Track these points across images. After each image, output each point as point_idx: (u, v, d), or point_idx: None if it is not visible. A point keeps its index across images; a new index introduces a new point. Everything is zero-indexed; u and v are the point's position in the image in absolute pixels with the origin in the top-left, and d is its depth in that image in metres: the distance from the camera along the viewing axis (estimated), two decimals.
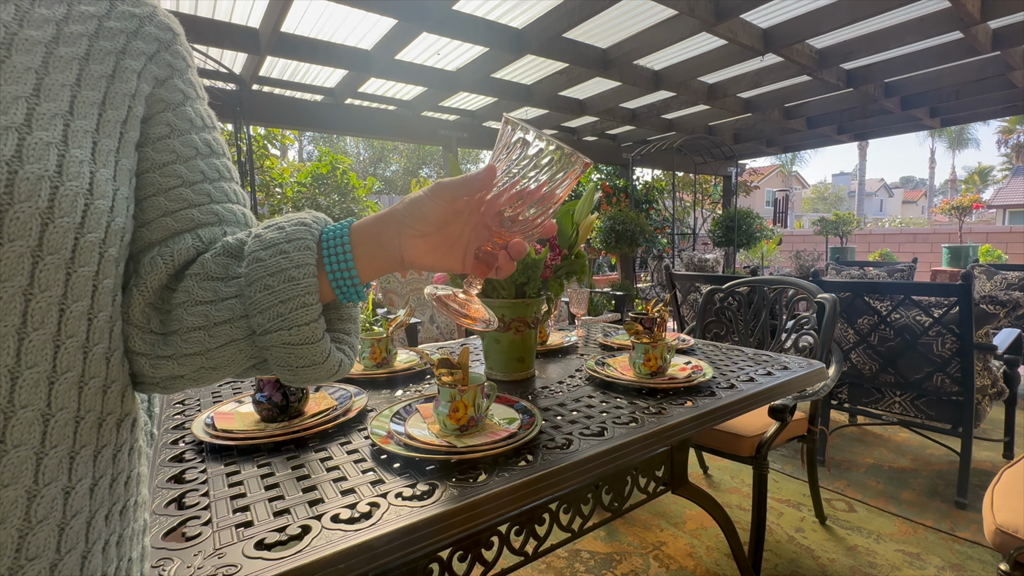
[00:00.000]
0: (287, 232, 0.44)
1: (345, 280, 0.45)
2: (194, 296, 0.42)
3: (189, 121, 0.45)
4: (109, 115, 0.38)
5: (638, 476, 1.11)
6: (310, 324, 0.43)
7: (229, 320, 0.43)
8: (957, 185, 33.65)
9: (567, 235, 1.31)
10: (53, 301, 0.33)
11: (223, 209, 0.47)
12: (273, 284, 0.42)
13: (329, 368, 0.46)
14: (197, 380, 0.44)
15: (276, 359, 0.44)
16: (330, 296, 0.46)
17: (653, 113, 5.64)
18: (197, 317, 0.42)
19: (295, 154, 23.92)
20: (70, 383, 0.34)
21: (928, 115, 5.59)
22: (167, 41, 0.44)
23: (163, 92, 0.43)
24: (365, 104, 5.15)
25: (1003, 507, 1.19)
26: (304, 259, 0.43)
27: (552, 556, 1.78)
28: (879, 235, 11.44)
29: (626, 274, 5.87)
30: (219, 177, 0.48)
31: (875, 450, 2.62)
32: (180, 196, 0.44)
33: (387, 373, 1.31)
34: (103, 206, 0.36)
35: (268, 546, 0.61)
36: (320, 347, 0.44)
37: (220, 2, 3.13)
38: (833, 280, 2.47)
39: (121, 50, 0.40)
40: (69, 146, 0.34)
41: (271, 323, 0.42)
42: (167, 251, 0.42)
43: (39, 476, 0.33)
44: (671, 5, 2.99)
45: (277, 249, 0.43)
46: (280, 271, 0.42)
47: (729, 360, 1.46)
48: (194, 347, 0.42)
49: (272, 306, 0.42)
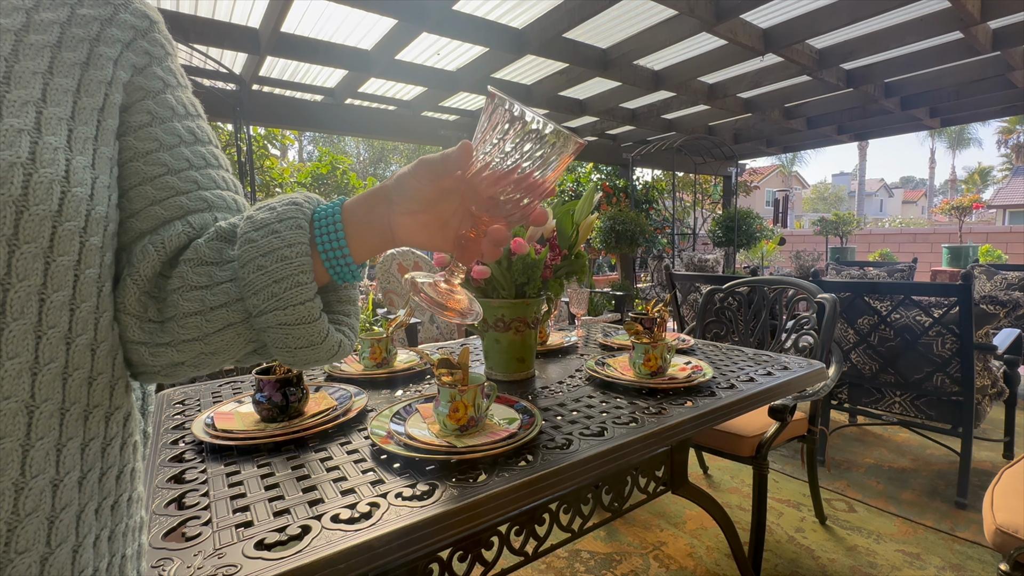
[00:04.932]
0: (278, 212, 0.44)
1: (338, 259, 0.45)
2: (189, 282, 0.42)
3: (170, 109, 0.45)
4: (85, 102, 0.37)
5: (638, 476, 1.11)
6: (305, 303, 0.42)
7: (225, 304, 0.42)
8: (957, 185, 33.66)
9: (567, 235, 1.31)
10: (32, 291, 0.33)
11: (212, 195, 0.47)
12: (266, 264, 0.42)
13: (328, 349, 0.45)
14: (197, 366, 0.43)
15: (274, 341, 0.43)
16: (325, 277, 0.46)
17: (653, 113, 5.64)
18: (193, 302, 0.41)
19: (295, 154, 23.93)
20: (53, 374, 0.34)
21: (928, 115, 5.59)
22: (144, 29, 0.43)
23: (142, 80, 0.43)
24: (365, 104, 5.15)
25: (1003, 507, 1.19)
26: (296, 238, 0.43)
27: (552, 556, 1.78)
28: (879, 235, 11.44)
29: (626, 274, 5.86)
30: (205, 164, 0.47)
31: (875, 450, 2.62)
32: (166, 184, 0.43)
33: (387, 373, 1.31)
34: (81, 193, 0.35)
35: (268, 546, 0.61)
36: (317, 327, 0.44)
37: (220, 2, 3.13)
38: (833, 280, 2.47)
39: (95, 37, 0.39)
40: (42, 133, 0.34)
41: (266, 303, 0.42)
42: (158, 239, 0.42)
43: (26, 468, 0.33)
44: (671, 5, 2.99)
45: (269, 229, 0.43)
46: (272, 251, 0.42)
47: (729, 360, 1.46)
48: (191, 333, 0.42)
49: (266, 286, 0.41)
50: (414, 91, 4.85)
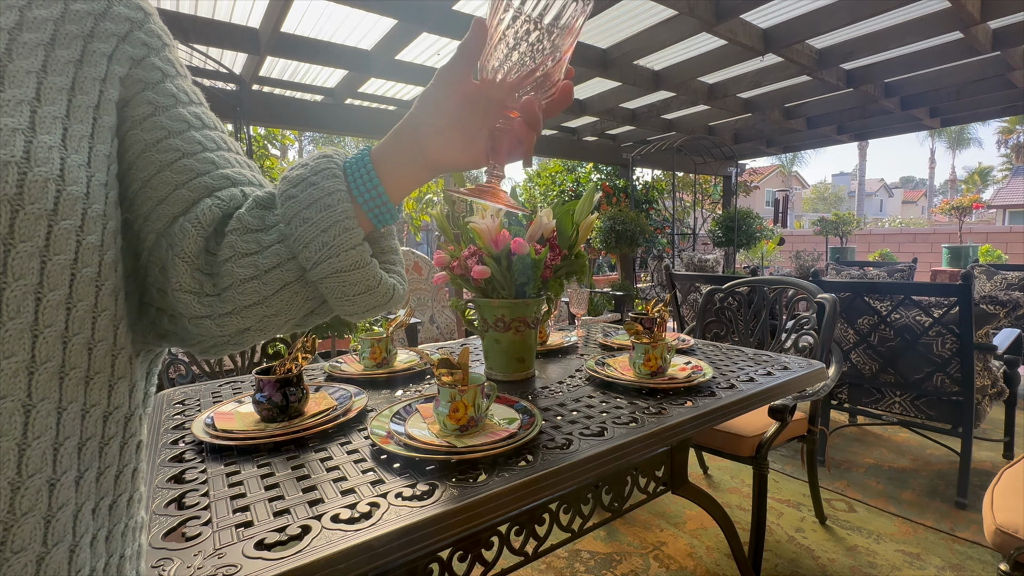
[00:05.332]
0: (311, 166, 0.45)
1: (376, 202, 0.46)
2: (239, 250, 0.43)
3: (172, 97, 0.45)
4: (79, 100, 0.37)
5: (638, 476, 1.11)
6: (356, 248, 0.44)
7: (278, 265, 0.43)
8: (957, 185, 33.65)
9: (567, 235, 1.31)
10: (28, 290, 0.32)
11: (232, 172, 0.47)
12: (311, 216, 0.43)
13: (384, 292, 0.47)
14: (263, 329, 0.45)
15: (331, 291, 0.45)
16: (368, 224, 0.47)
17: (653, 113, 5.64)
18: (247, 268, 0.43)
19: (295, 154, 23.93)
20: (50, 373, 0.34)
21: (928, 115, 5.59)
22: (139, 20, 0.43)
23: (140, 72, 0.42)
24: (365, 104, 5.15)
25: (1003, 507, 1.19)
26: (334, 186, 0.44)
27: (552, 556, 1.78)
28: (879, 235, 11.44)
29: (626, 274, 5.86)
30: (217, 147, 0.47)
31: (875, 450, 2.62)
32: (185, 167, 0.44)
33: (387, 373, 1.31)
34: (76, 192, 0.35)
35: (268, 546, 0.61)
36: (371, 270, 0.45)
37: (220, 2, 3.13)
38: (833, 280, 2.47)
39: (89, 33, 0.39)
40: (37, 132, 0.34)
41: (318, 254, 0.43)
42: (192, 216, 0.43)
43: (22, 467, 0.32)
44: (671, 5, 2.99)
45: (306, 183, 0.44)
46: (314, 202, 0.43)
47: (729, 360, 1.46)
48: (252, 297, 0.43)
49: (315, 237, 0.43)
50: (414, 91, 4.85)
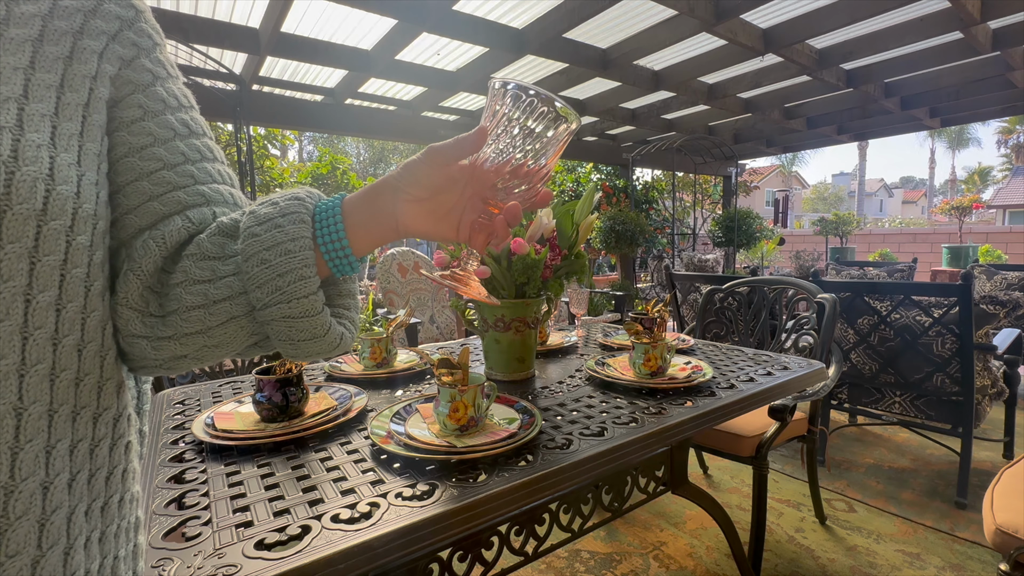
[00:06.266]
0: (281, 207, 0.44)
1: (337, 252, 0.45)
2: (192, 276, 0.42)
3: (162, 101, 0.44)
4: (68, 98, 0.37)
5: (638, 476, 1.11)
6: (309, 297, 0.43)
7: (228, 297, 0.42)
8: (957, 185, 33.65)
9: (567, 235, 1.31)
10: (18, 291, 0.32)
11: (209, 190, 0.46)
12: (270, 258, 0.42)
13: (331, 341, 0.46)
14: (200, 359, 0.44)
15: (277, 333, 0.44)
16: (326, 271, 0.46)
17: (653, 113, 5.64)
18: (196, 296, 0.42)
19: (295, 154, 23.94)
20: (41, 376, 0.34)
21: (928, 115, 5.59)
22: (129, 19, 0.42)
23: (130, 73, 0.42)
24: (365, 104, 5.15)
25: (1003, 507, 1.19)
26: (299, 232, 0.43)
27: (552, 556, 1.78)
28: (879, 235, 11.43)
29: (626, 274, 5.86)
30: (201, 158, 0.47)
31: (875, 450, 2.62)
32: (163, 179, 0.43)
33: (387, 373, 1.31)
34: (66, 191, 0.34)
35: (268, 546, 0.61)
36: (320, 320, 0.44)
37: (220, 2, 3.13)
38: (833, 280, 2.47)
39: (78, 30, 0.38)
40: (24, 130, 0.33)
41: (270, 297, 0.42)
42: (158, 234, 0.42)
43: (15, 472, 0.32)
44: (671, 5, 2.99)
45: (272, 224, 0.43)
46: (276, 244, 0.42)
47: (729, 360, 1.46)
48: (194, 326, 0.42)
49: (270, 280, 0.42)
50: (414, 91, 4.85)
